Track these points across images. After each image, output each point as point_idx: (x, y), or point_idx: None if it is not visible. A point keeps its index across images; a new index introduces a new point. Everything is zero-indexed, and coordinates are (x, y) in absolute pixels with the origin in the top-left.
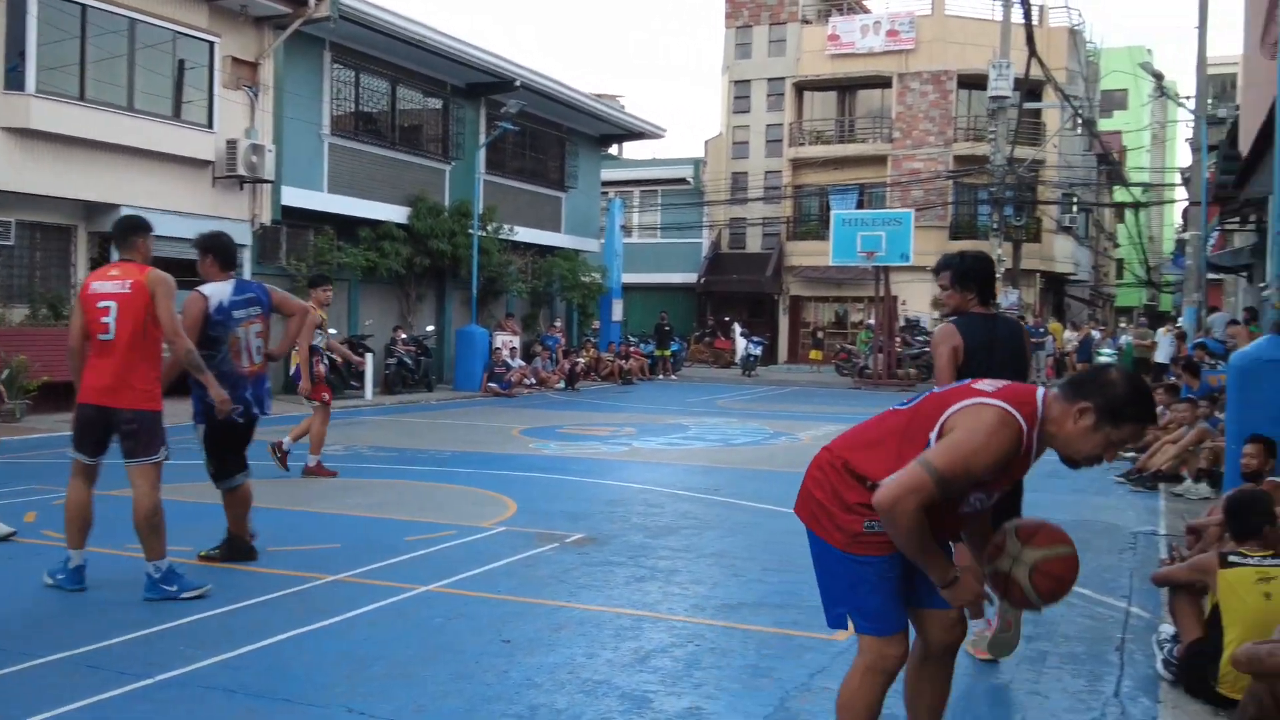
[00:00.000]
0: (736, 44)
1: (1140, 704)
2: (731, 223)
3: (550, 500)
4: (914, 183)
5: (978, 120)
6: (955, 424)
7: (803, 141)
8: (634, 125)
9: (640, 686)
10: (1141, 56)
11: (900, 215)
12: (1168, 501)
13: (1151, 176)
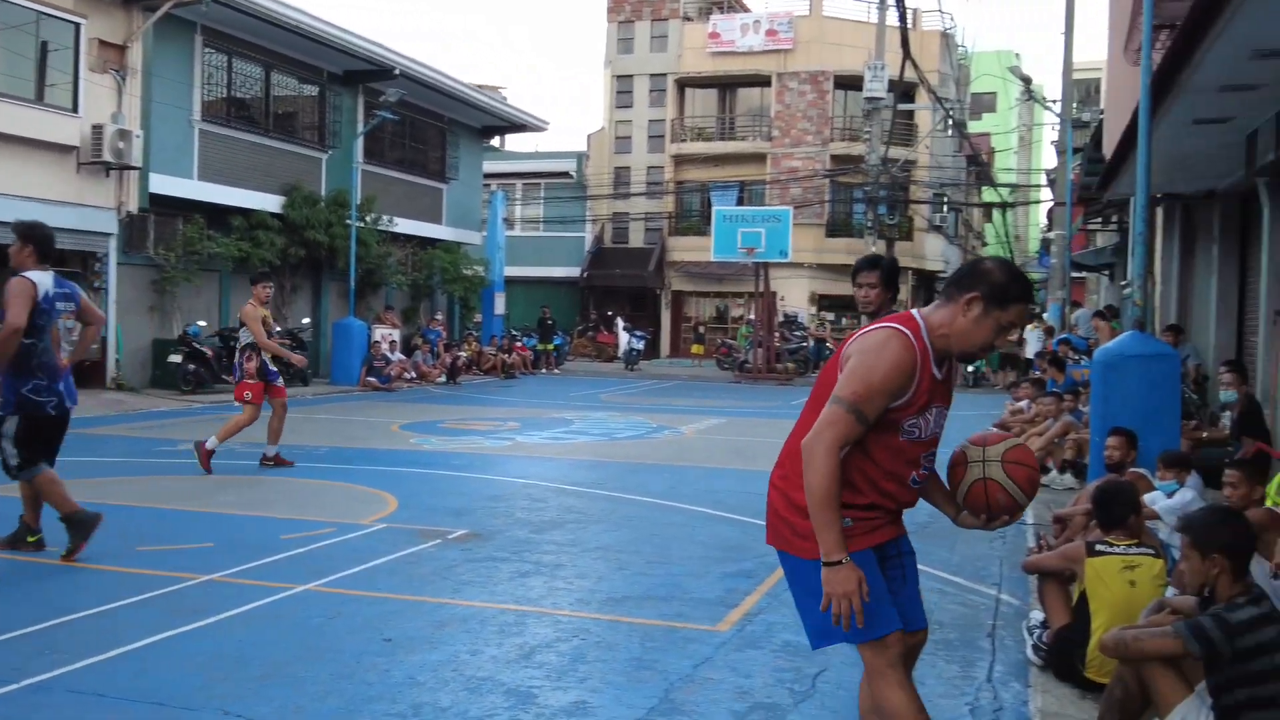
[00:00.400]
0: (619, 39)
1: (1011, 688)
2: (614, 217)
3: (432, 496)
4: (793, 181)
5: (853, 120)
6: (850, 350)
7: (684, 138)
8: (516, 117)
9: (525, 682)
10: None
11: (779, 213)
12: None
13: (1018, 177)
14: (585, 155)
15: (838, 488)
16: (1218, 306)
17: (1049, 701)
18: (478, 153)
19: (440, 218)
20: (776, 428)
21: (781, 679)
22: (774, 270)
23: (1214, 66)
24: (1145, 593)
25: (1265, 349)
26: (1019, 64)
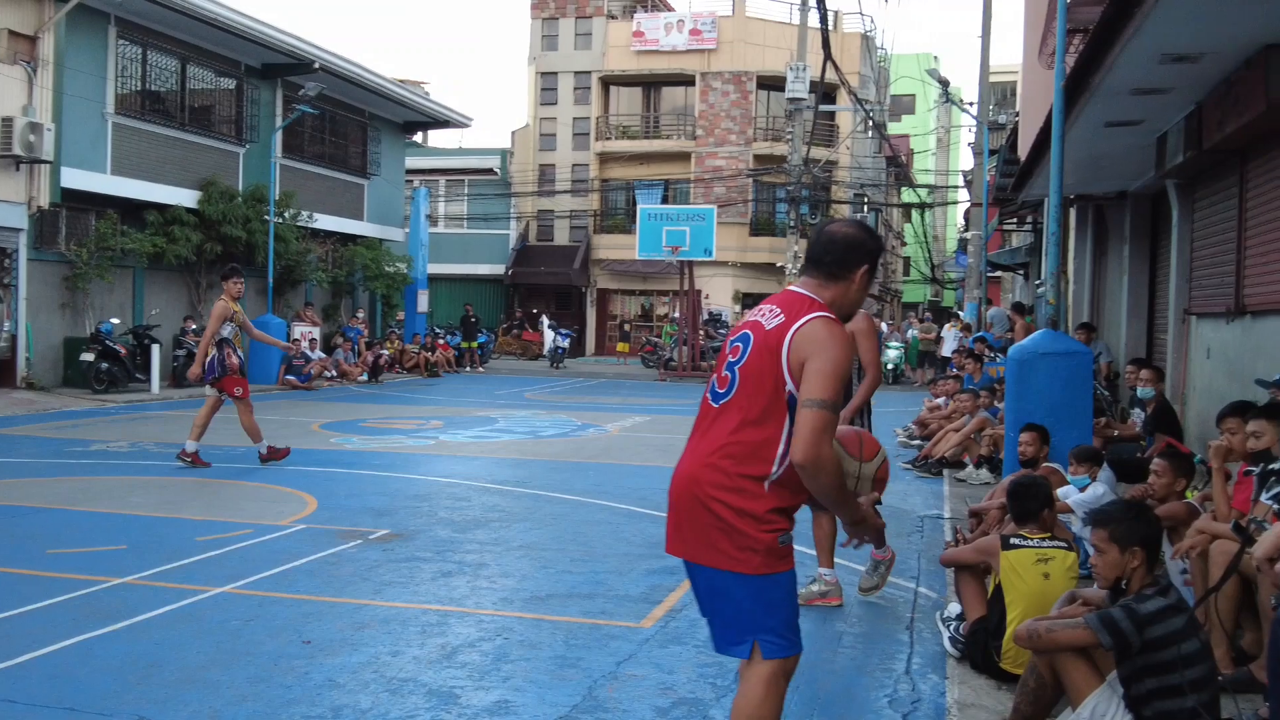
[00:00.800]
0: (543, 35)
1: (929, 680)
2: (539, 215)
3: (352, 496)
4: (716, 180)
5: (776, 121)
6: (806, 352)
7: (609, 136)
8: (439, 113)
9: (447, 682)
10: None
11: (703, 211)
12: (951, 487)
13: (937, 178)
14: (510, 152)
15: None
16: (1129, 305)
17: (965, 693)
18: (400, 148)
19: (362, 214)
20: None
21: (704, 674)
22: (698, 268)
23: (1125, 70)
24: (1059, 585)
25: (1174, 347)
26: (937, 67)
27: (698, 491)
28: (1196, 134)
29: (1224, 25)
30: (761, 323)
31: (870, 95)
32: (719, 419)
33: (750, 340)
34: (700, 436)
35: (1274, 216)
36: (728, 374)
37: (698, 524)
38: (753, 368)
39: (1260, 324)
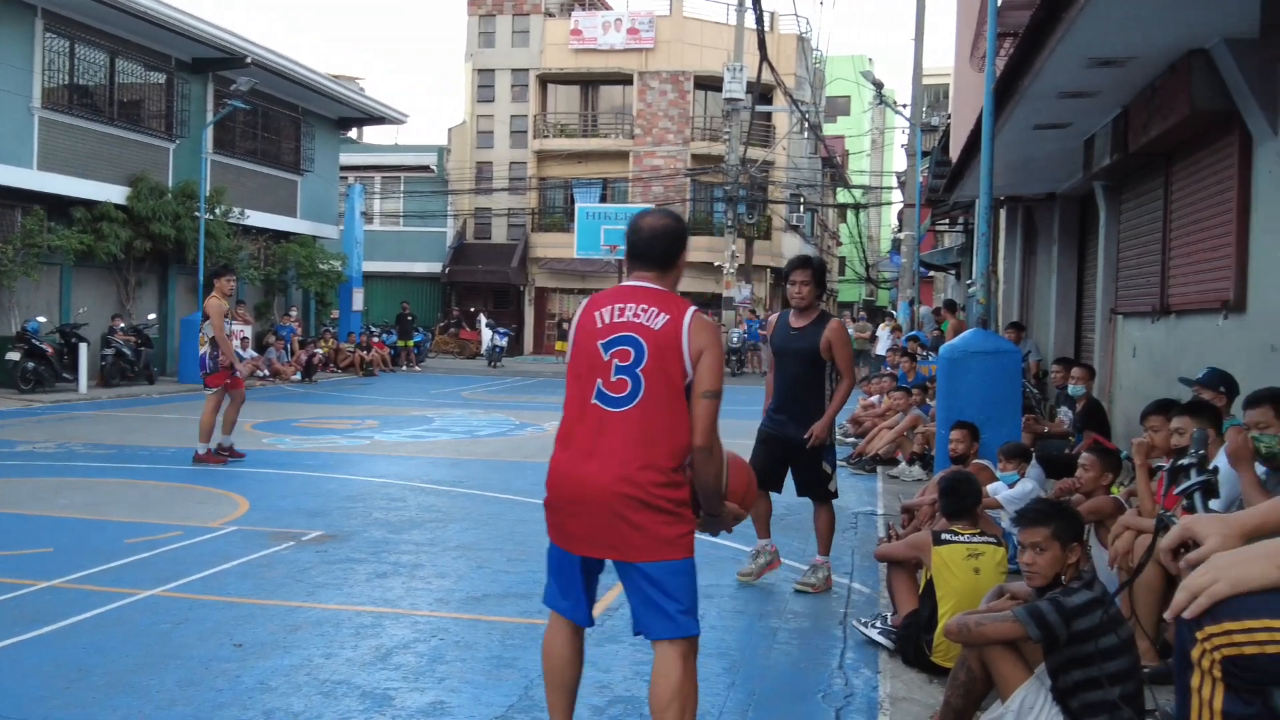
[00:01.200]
0: (480, 32)
1: (862, 674)
2: (476, 213)
3: (285, 497)
4: (655, 179)
5: (713, 121)
6: (699, 345)
7: (547, 134)
8: (374, 109)
9: (381, 684)
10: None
11: (642, 210)
12: (884, 483)
13: (871, 179)
14: (446, 149)
15: None
16: (1057, 304)
17: (897, 687)
18: (334, 145)
19: (295, 211)
20: None
21: (640, 672)
22: None
23: (1053, 74)
24: (988, 579)
25: (1101, 346)
26: (871, 69)
27: (636, 494)
28: (1123, 137)
29: (1149, 30)
30: (643, 324)
31: (806, 96)
32: (626, 421)
33: (641, 343)
34: (602, 438)
35: (1197, 218)
36: (624, 377)
37: (632, 525)
38: (656, 368)
39: (1184, 323)
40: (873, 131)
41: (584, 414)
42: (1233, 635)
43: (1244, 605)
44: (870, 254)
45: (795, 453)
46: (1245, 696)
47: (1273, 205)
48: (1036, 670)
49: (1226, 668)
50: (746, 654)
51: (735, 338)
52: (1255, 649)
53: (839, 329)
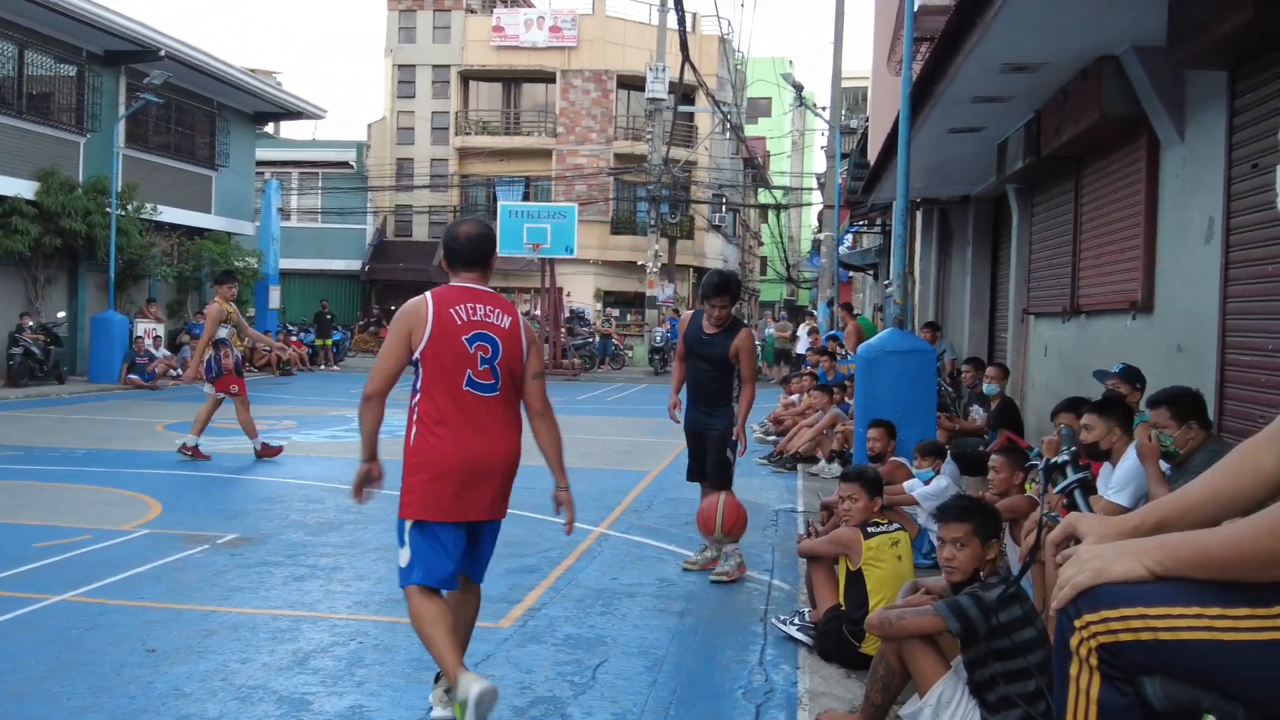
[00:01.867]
0: (400, 27)
1: (782, 670)
2: (397, 210)
3: (199, 499)
4: (578, 177)
5: (636, 120)
6: (530, 339)
7: (469, 131)
8: (291, 104)
9: (299, 689)
10: (784, 68)
11: (565, 209)
12: (805, 481)
13: (792, 180)
14: (366, 145)
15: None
16: (971, 305)
17: (816, 682)
18: (250, 139)
19: (209, 206)
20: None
21: (562, 672)
22: (560, 266)
23: (968, 79)
24: (908, 564)
25: (1014, 346)
26: (792, 71)
27: (514, 462)
28: (1035, 141)
29: (1061, 37)
30: (494, 323)
31: (728, 97)
32: (496, 405)
33: (497, 341)
34: (483, 420)
35: (1107, 221)
36: (487, 368)
37: (505, 488)
38: (509, 361)
39: (1094, 323)
40: (793, 133)
41: (459, 399)
42: (1109, 623)
43: (1119, 594)
44: (791, 254)
45: (704, 440)
46: (1119, 685)
47: (1179, 209)
48: (953, 664)
49: (1102, 655)
50: (668, 652)
51: (658, 336)
52: (1130, 636)
53: (746, 338)
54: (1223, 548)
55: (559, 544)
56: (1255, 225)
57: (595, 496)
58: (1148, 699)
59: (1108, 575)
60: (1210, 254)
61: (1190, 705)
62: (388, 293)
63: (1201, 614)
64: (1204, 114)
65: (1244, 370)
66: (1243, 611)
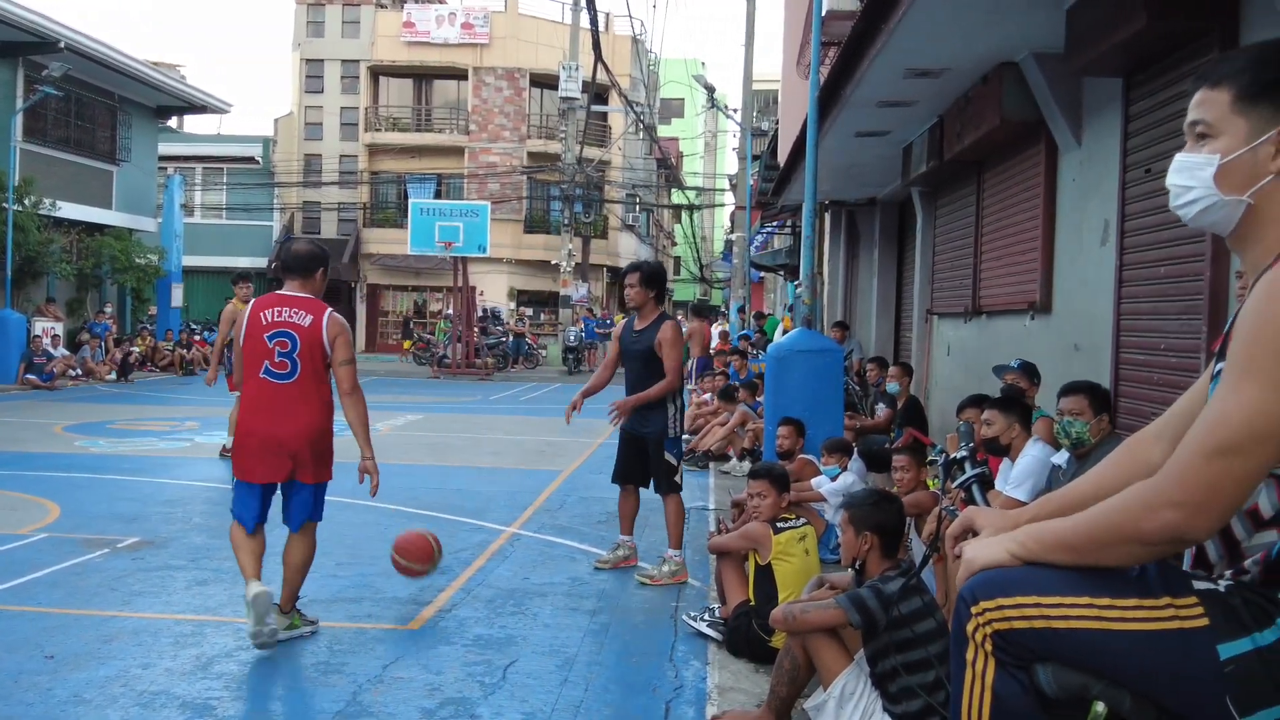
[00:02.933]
0: (309, 21)
1: (692, 666)
2: (305, 206)
3: (99, 503)
4: (491, 176)
5: (549, 119)
6: (334, 332)
7: (379, 127)
8: (195, 97)
9: (202, 694)
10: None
11: (477, 207)
12: (716, 479)
13: (705, 181)
14: (273, 140)
15: None
16: (878, 305)
17: (725, 677)
18: (153, 134)
19: (110, 202)
20: (476, 423)
21: (472, 673)
22: (473, 265)
23: (873, 83)
24: (815, 560)
25: (918, 345)
26: (704, 73)
27: (310, 437)
28: (939, 145)
29: (963, 43)
30: (295, 322)
31: (641, 98)
32: (293, 389)
33: (295, 337)
34: (278, 402)
35: (1007, 223)
36: (285, 360)
37: (303, 458)
38: (309, 352)
39: (994, 323)
40: (706, 134)
41: (260, 386)
42: (1005, 610)
43: (1015, 582)
44: (704, 254)
45: (644, 447)
46: (1014, 671)
47: (1076, 212)
48: (856, 656)
49: (997, 642)
50: (579, 651)
51: (572, 336)
52: (1024, 624)
53: (669, 329)
54: (1073, 532)
55: (471, 545)
56: (1148, 228)
57: (507, 497)
58: (1040, 685)
59: (975, 565)
60: (1106, 256)
61: (1080, 692)
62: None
63: (1092, 603)
64: (1100, 119)
65: (1137, 369)
66: (1131, 602)
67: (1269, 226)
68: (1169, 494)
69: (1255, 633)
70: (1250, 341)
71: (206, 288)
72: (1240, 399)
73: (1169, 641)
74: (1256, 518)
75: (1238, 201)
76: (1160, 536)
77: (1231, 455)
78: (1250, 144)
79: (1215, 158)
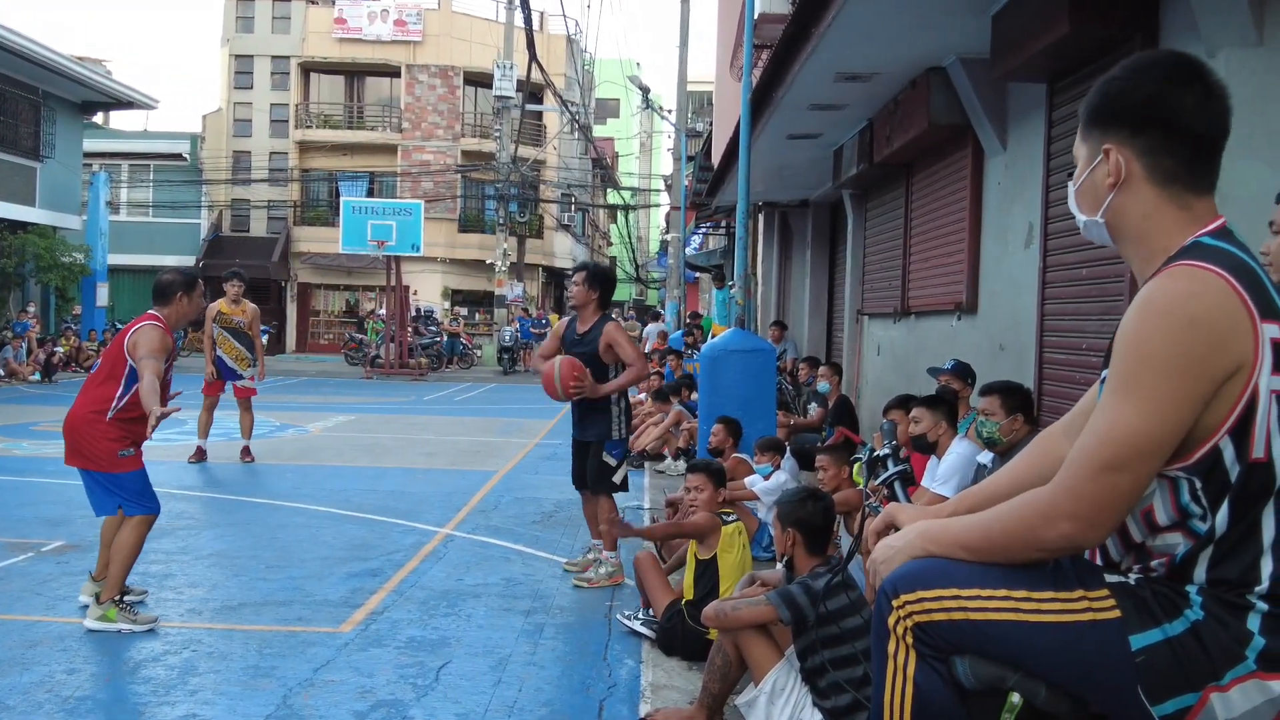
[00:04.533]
0: (238, 16)
1: (626, 665)
2: (234, 204)
3: (23, 505)
4: (424, 174)
5: (484, 118)
6: (135, 340)
7: (310, 124)
8: (121, 93)
9: (129, 699)
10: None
11: (410, 206)
12: (651, 478)
13: (640, 181)
14: (201, 137)
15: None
16: (810, 305)
17: (659, 675)
18: (78, 130)
19: (33, 199)
20: (409, 423)
21: (405, 675)
22: (406, 264)
23: (805, 86)
24: (749, 557)
25: (849, 345)
26: (639, 74)
27: (74, 425)
28: (869, 148)
29: (891, 48)
30: (121, 330)
31: (576, 97)
32: (87, 383)
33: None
34: (82, 395)
35: (934, 226)
36: (100, 360)
37: (80, 445)
38: (110, 353)
39: (922, 323)
40: (641, 134)
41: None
42: (925, 603)
43: (934, 576)
44: (640, 254)
45: (584, 448)
46: (934, 663)
47: (1001, 215)
48: (786, 652)
49: (917, 634)
50: (513, 651)
51: (508, 335)
52: (943, 616)
53: (613, 328)
54: (970, 535)
55: (403, 546)
56: (1070, 231)
57: (442, 498)
58: (958, 677)
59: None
60: (1030, 258)
61: (997, 683)
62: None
63: (1009, 595)
64: (1025, 124)
65: (1060, 368)
66: (1047, 595)
67: (1133, 244)
68: (1063, 507)
69: (1165, 623)
70: (1126, 358)
71: (132, 287)
72: (1120, 417)
73: (1082, 633)
74: (1152, 522)
75: (1095, 223)
76: (1057, 545)
77: (1117, 471)
78: (1089, 167)
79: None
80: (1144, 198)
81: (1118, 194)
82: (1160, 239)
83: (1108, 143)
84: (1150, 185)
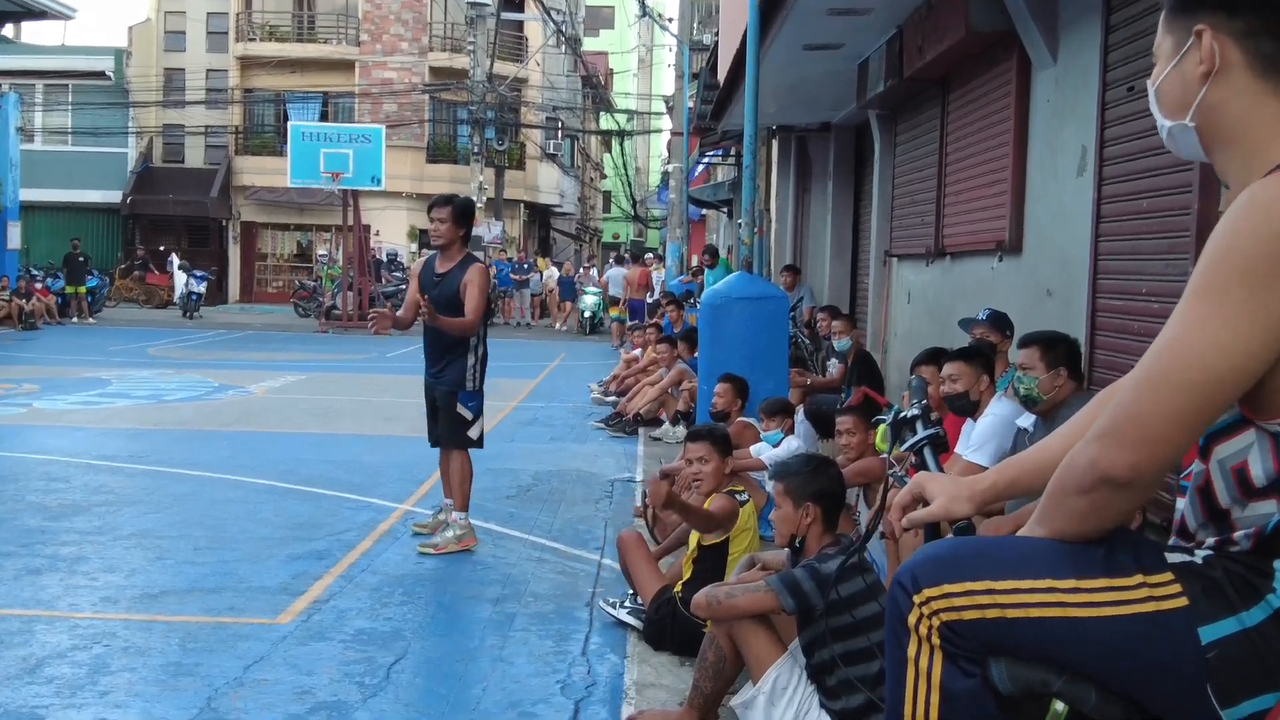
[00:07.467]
0: None
1: (608, 661)
2: (165, 130)
3: None
4: (386, 94)
5: (455, 29)
6: None
7: (253, 37)
8: (33, 2)
9: (29, 701)
10: None
11: (370, 131)
12: (646, 446)
13: (639, 103)
14: (127, 52)
15: None
16: (832, 246)
17: (645, 672)
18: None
19: None
20: (368, 384)
21: (350, 673)
22: (366, 200)
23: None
24: (758, 535)
25: (875, 291)
26: None
27: None
28: (898, 61)
29: None
30: None
31: (562, 5)
32: None
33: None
34: None
35: (972, 152)
36: None
37: None
38: None
39: (959, 266)
40: (639, 48)
41: None
42: (952, 598)
43: (962, 566)
44: (639, 189)
45: (436, 400)
46: (964, 666)
47: (1051, 138)
48: (790, 646)
49: (945, 634)
50: (478, 645)
51: None
52: (976, 613)
53: (478, 271)
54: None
55: (355, 525)
56: (1129, 156)
57: (401, 468)
58: (993, 682)
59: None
60: (1082, 188)
61: (1039, 689)
62: (155, 230)
63: (1054, 586)
64: (1078, 31)
65: (1115, 316)
66: (1099, 583)
67: (1226, 148)
68: (1097, 427)
69: (1241, 611)
70: (1207, 260)
71: (50, 226)
72: (1189, 326)
73: (1142, 627)
74: (1246, 482)
75: (1183, 126)
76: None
77: (1181, 392)
78: (1176, 57)
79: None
80: (1242, 90)
81: (1211, 86)
82: (1261, 139)
83: (1200, 24)
84: (1250, 75)
